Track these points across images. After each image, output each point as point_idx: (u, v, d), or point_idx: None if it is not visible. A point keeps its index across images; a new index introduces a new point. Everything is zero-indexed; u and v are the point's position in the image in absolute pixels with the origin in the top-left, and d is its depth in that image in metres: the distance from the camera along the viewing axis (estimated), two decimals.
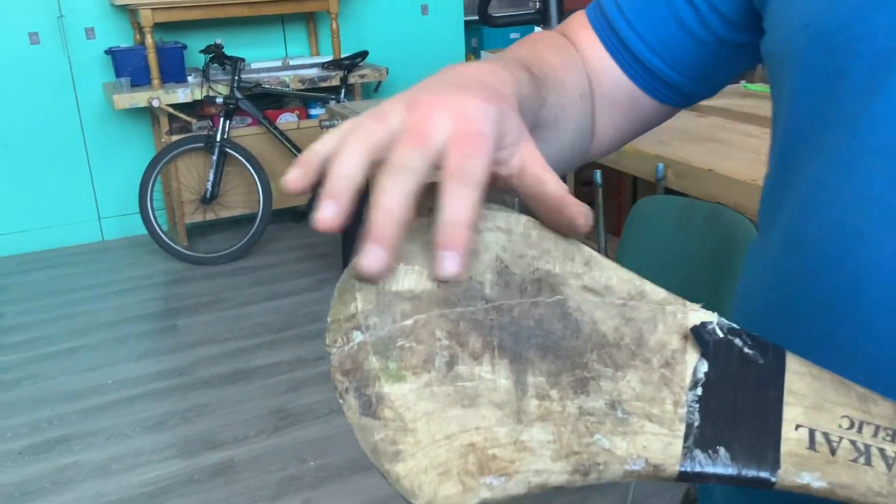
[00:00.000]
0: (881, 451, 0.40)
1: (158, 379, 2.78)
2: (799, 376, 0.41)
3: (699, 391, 0.40)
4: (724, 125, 2.45)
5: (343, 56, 4.13)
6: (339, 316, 0.40)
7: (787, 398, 0.41)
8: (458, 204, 0.37)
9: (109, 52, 3.81)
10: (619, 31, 0.59)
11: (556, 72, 0.54)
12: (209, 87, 3.76)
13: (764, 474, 0.39)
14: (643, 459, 0.39)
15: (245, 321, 3.18)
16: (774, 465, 0.39)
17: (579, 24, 0.63)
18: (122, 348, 3.01)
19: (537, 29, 1.95)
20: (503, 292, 0.41)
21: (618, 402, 0.40)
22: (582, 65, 0.60)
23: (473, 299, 0.41)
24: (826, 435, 0.40)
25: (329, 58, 4.19)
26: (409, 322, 0.40)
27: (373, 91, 4.36)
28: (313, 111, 4.16)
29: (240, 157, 3.79)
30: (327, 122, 3.12)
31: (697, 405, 0.40)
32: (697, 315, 0.42)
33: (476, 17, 5.27)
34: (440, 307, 0.40)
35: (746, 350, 0.41)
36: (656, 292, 0.43)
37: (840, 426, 0.40)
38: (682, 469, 0.39)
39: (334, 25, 4.14)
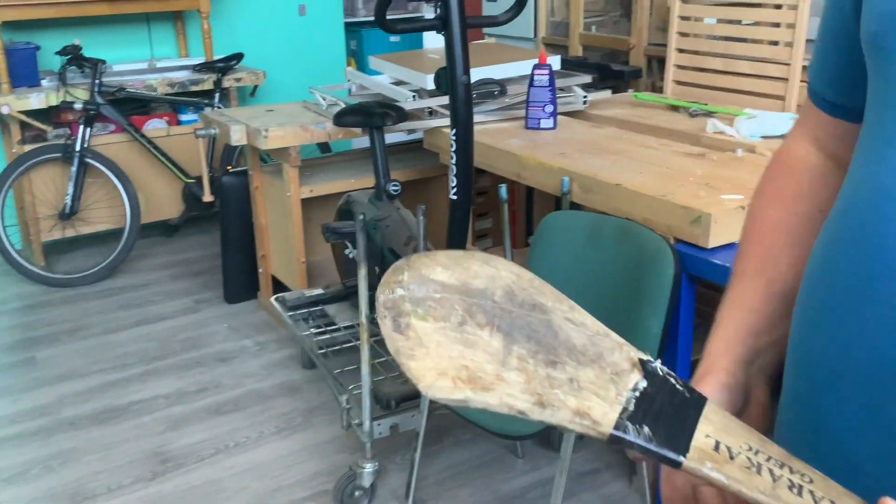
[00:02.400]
0: (770, 470, 0.54)
1: (16, 422, 2.47)
2: (715, 413, 0.57)
3: (636, 394, 0.56)
4: (622, 136, 2.41)
5: (216, 58, 3.87)
6: (389, 280, 0.57)
7: (702, 420, 0.56)
8: None
9: None
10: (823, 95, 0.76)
11: (779, 230, 0.75)
12: (66, 91, 3.42)
13: (674, 456, 0.53)
14: (587, 415, 0.54)
15: (114, 350, 2.90)
16: (684, 451, 0.53)
17: (806, 111, 0.80)
18: None
19: (439, 36, 1.82)
20: (507, 303, 0.59)
21: (575, 380, 0.56)
22: (805, 173, 0.77)
23: (485, 299, 0.58)
24: (728, 448, 0.54)
25: (200, 59, 3.92)
26: (437, 295, 0.57)
27: (249, 95, 4.12)
28: (184, 116, 3.88)
29: (102, 168, 3.47)
30: (203, 132, 2.88)
31: (634, 400, 0.56)
32: (647, 357, 0.58)
33: (355, 20, 5.13)
34: (461, 295, 0.58)
35: (678, 387, 0.57)
36: (619, 338, 0.60)
37: (741, 447, 0.55)
38: (614, 432, 0.53)
39: (206, 25, 3.86)
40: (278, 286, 3.08)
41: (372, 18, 5.09)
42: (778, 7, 2.51)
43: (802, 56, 2.43)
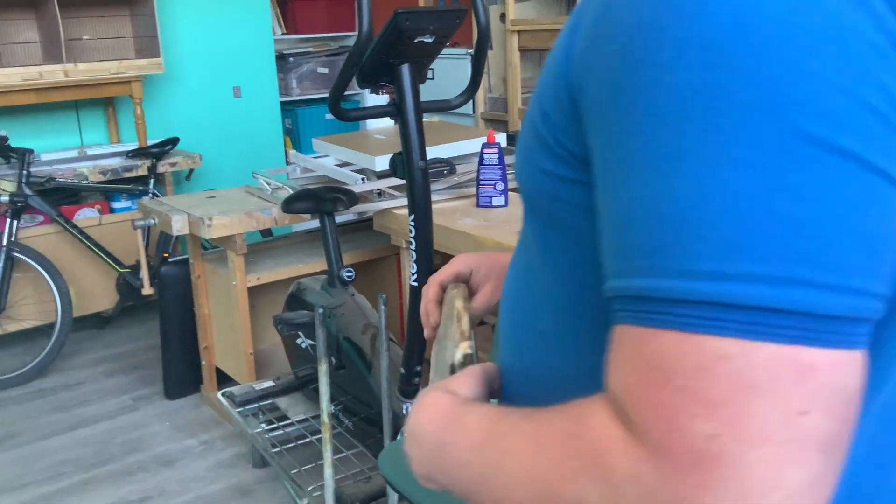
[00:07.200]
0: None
1: None
2: None
3: None
4: None
5: (150, 143, 3.76)
6: None
7: None
8: None
9: None
10: None
11: None
12: None
13: None
14: None
15: (47, 459, 2.69)
16: None
17: None
18: None
19: (391, 122, 1.79)
20: None
21: None
22: None
23: None
24: None
25: (133, 145, 3.81)
26: None
27: (185, 179, 4.02)
28: (117, 204, 3.74)
29: (31, 262, 3.30)
30: (141, 222, 2.77)
31: None
32: None
33: (290, 98, 5.09)
34: None
35: None
36: None
37: None
38: None
39: (139, 111, 3.77)
40: (223, 379, 2.94)
41: (307, 97, 5.08)
42: None
43: None
